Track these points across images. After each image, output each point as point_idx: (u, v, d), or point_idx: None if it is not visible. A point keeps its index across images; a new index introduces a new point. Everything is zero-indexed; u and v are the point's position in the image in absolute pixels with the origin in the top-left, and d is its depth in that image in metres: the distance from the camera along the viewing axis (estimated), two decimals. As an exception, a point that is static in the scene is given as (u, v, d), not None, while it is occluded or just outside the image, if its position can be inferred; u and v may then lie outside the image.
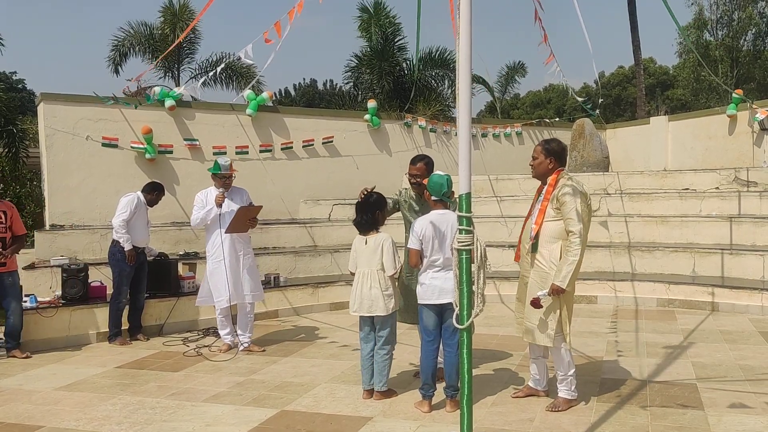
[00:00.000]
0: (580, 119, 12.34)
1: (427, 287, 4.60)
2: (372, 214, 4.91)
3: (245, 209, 6.45)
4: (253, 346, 6.57)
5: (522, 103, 49.19)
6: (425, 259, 4.61)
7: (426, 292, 4.61)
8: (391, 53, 14.07)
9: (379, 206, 4.94)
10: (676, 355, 5.92)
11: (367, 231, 4.93)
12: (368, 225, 4.92)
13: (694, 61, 32.49)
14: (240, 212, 6.38)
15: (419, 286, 4.68)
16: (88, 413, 4.75)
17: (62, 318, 6.94)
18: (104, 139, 9.01)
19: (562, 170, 4.66)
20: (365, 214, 4.92)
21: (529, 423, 4.29)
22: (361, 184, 10.94)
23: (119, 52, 17.64)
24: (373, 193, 4.97)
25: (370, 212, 4.91)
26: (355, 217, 4.99)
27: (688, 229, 9.21)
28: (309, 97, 34.10)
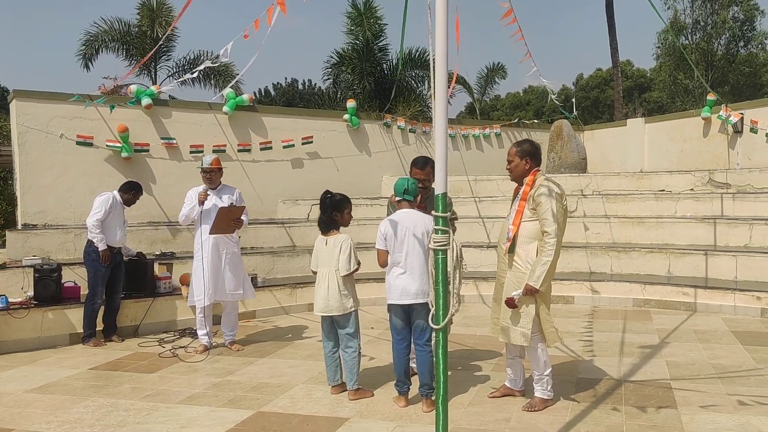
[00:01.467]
0: (558, 121, 12.43)
1: (392, 287, 4.64)
2: (330, 214, 4.93)
3: (226, 210, 6.29)
4: (235, 345, 6.58)
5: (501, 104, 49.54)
6: (390, 257, 4.65)
7: (392, 292, 4.65)
8: (373, 54, 14.05)
9: (337, 207, 4.95)
10: (651, 354, 5.98)
11: (327, 231, 4.98)
12: (326, 225, 4.97)
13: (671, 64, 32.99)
14: (221, 212, 6.24)
15: (387, 285, 4.71)
16: (59, 416, 4.67)
17: (34, 319, 6.82)
18: (79, 138, 8.87)
19: (539, 170, 4.69)
20: (323, 214, 4.97)
21: (505, 423, 4.30)
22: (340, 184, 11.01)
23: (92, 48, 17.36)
24: (335, 195, 4.97)
25: (328, 212, 4.94)
26: (319, 216, 5.05)
27: (663, 230, 9.32)
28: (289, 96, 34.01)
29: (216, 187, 6.52)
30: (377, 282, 8.90)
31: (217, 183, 6.52)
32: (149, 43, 16.60)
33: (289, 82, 39.11)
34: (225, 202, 6.42)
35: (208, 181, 6.44)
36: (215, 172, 6.49)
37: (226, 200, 6.44)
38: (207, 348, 6.49)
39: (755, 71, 33.66)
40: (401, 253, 4.61)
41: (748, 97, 27.35)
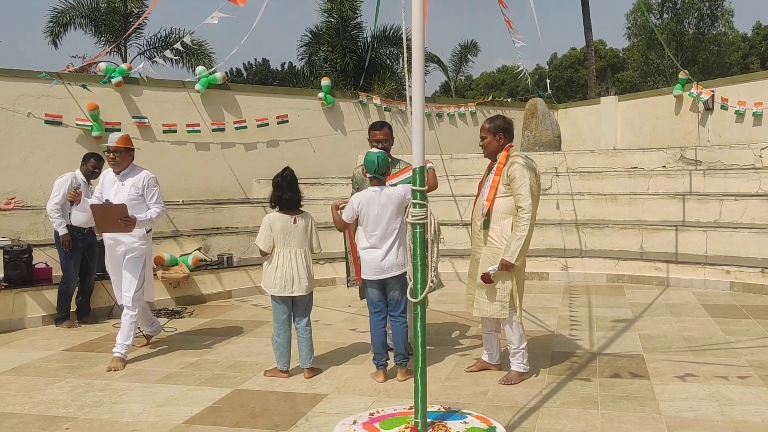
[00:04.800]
0: (532, 99, 12.47)
1: (367, 263, 4.67)
2: (299, 191, 4.85)
3: (100, 209, 5.22)
4: (116, 362, 5.26)
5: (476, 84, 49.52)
6: (364, 233, 4.67)
7: (367, 267, 4.68)
8: (349, 31, 13.90)
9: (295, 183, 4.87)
10: (624, 328, 6.09)
11: (295, 209, 4.85)
12: (295, 203, 4.83)
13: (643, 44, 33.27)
14: (94, 210, 5.23)
15: (361, 261, 4.73)
16: (33, 397, 4.61)
17: (5, 301, 6.69)
18: (47, 116, 8.67)
19: (512, 146, 4.70)
20: (294, 192, 4.81)
21: (482, 396, 4.35)
22: (315, 163, 10.97)
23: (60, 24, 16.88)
24: (288, 169, 4.86)
25: (294, 189, 4.81)
26: (278, 196, 4.81)
27: (636, 207, 9.45)
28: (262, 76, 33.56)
29: (120, 172, 5.42)
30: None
31: (123, 166, 5.41)
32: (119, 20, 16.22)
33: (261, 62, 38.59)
34: (126, 189, 5.35)
35: (113, 164, 5.38)
36: (121, 152, 5.36)
37: (128, 188, 5.36)
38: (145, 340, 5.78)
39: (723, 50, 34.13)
40: (375, 231, 4.63)
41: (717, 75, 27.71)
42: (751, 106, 10.58)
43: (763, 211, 8.59)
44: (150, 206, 5.41)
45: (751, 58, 39.63)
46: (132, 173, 5.46)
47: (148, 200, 5.42)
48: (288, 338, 4.91)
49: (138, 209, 5.30)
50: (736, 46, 37.36)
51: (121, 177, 5.42)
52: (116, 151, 5.36)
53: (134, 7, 16.35)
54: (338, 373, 4.95)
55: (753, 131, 10.54)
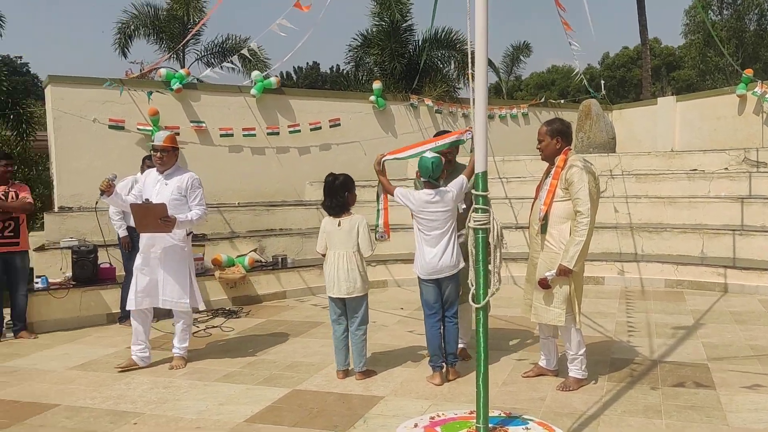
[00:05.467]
0: (586, 100, 12.25)
1: (422, 264, 4.71)
2: (342, 196, 4.90)
3: (143, 208, 5.17)
4: (176, 361, 5.42)
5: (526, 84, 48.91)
6: (419, 234, 4.73)
7: (423, 268, 4.72)
8: (400, 34, 13.94)
9: (347, 187, 4.92)
10: (685, 335, 5.93)
11: (340, 213, 4.92)
12: (339, 208, 4.91)
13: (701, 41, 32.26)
14: (134, 210, 5.17)
15: (416, 262, 4.77)
16: (102, 392, 4.79)
17: (73, 299, 6.98)
18: (111, 121, 8.98)
19: (570, 149, 4.65)
20: (335, 198, 4.90)
21: (540, 402, 4.31)
22: (366, 165, 10.97)
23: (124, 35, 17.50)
24: (339, 175, 4.95)
25: (339, 195, 4.89)
26: (324, 201, 4.95)
27: (696, 210, 9.18)
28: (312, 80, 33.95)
29: (165, 171, 5.38)
30: (405, 263, 8.94)
31: (169, 165, 5.38)
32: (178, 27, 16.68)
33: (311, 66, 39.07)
34: (170, 189, 5.30)
35: (160, 163, 5.35)
36: (168, 151, 5.35)
37: (172, 188, 5.32)
38: (135, 363, 5.37)
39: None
40: (431, 233, 4.67)
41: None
42: (819, 105, 10.16)
43: (833, 215, 8.23)
44: (192, 208, 5.37)
45: (818, 54, 37.94)
46: (176, 173, 5.42)
47: (191, 202, 5.38)
48: (339, 338, 4.97)
49: (179, 210, 5.25)
50: (801, 42, 35.83)
51: (165, 176, 5.36)
52: (164, 150, 5.32)
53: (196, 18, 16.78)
54: (394, 376, 4.98)
55: (821, 132, 10.12)
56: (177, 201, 5.30)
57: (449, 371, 4.79)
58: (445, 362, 4.79)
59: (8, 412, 4.43)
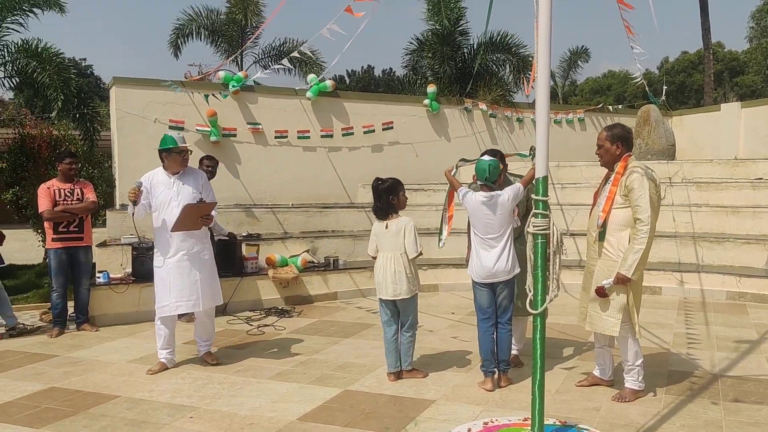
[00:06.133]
0: (645, 106, 11.96)
1: (477, 267, 4.71)
2: (386, 200, 4.94)
3: (194, 207, 5.21)
4: (211, 356, 5.57)
5: (581, 89, 48.08)
6: (474, 237, 4.74)
7: (477, 271, 4.71)
8: (454, 38, 13.91)
9: (393, 191, 4.95)
10: (748, 349, 5.72)
11: (386, 216, 4.96)
12: (384, 211, 4.96)
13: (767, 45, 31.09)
14: (186, 210, 5.14)
15: (471, 265, 4.77)
16: (160, 385, 4.94)
17: (132, 294, 7.20)
18: (171, 122, 9.24)
19: (631, 156, 4.55)
20: (379, 201, 4.96)
21: (595, 412, 4.23)
22: (419, 169, 11.03)
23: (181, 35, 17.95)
24: (386, 180, 4.99)
25: (384, 198, 4.94)
26: (373, 204, 5.04)
27: (761, 220, 8.83)
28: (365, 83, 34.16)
29: (180, 172, 5.40)
30: (455, 267, 8.90)
31: (187, 164, 5.46)
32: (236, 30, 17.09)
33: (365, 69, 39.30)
34: (189, 189, 5.33)
35: (184, 164, 5.39)
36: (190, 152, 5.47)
37: (191, 184, 5.36)
38: (166, 366, 5.38)
39: None
40: (486, 235, 4.67)
41: None
42: None
43: None
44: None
45: None
46: (189, 173, 5.44)
47: (207, 200, 5.43)
48: (390, 340, 5.00)
49: None
50: None
51: (180, 177, 5.35)
52: (188, 151, 5.42)
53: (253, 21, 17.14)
54: (445, 380, 4.97)
55: None
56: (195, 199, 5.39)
57: (501, 378, 4.77)
58: (497, 368, 4.76)
59: (72, 401, 4.61)
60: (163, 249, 5.35)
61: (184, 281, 5.29)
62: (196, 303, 5.35)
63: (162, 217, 5.30)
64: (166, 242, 5.32)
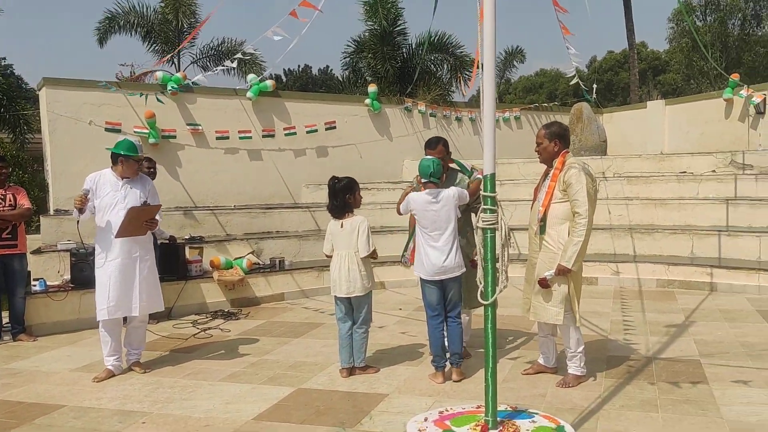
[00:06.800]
0: (577, 104, 12.43)
1: (425, 265, 4.79)
2: (343, 198, 5.02)
3: (138, 210, 5.16)
4: (139, 366, 5.40)
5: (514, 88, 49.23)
6: (421, 235, 4.82)
7: (425, 269, 4.79)
8: (393, 38, 14.07)
9: (349, 190, 5.04)
10: (678, 333, 6.08)
11: (341, 215, 5.05)
12: (340, 209, 5.04)
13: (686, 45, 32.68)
14: (131, 213, 5.08)
15: (419, 263, 4.85)
16: (108, 392, 4.85)
17: (72, 302, 7.01)
18: (107, 124, 9.01)
19: (568, 152, 4.77)
20: (336, 199, 5.04)
21: (541, 398, 4.42)
22: (362, 169, 11.12)
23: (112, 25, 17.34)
24: (342, 179, 5.07)
25: (341, 197, 5.02)
26: (329, 203, 5.11)
27: (686, 212, 9.36)
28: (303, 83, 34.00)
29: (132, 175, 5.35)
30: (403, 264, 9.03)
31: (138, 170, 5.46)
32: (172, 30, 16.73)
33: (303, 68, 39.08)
34: (137, 193, 5.29)
35: (138, 173, 5.40)
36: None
37: (140, 191, 5.32)
38: (112, 373, 5.26)
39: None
40: (434, 233, 4.76)
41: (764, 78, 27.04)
42: (804, 109, 10.38)
43: (819, 217, 8.43)
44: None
45: (800, 59, 38.50)
46: (138, 178, 5.42)
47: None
48: (344, 337, 5.08)
49: None
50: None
51: (129, 181, 5.30)
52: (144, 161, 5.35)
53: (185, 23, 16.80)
54: (397, 374, 5.07)
55: (806, 135, 10.34)
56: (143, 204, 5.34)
57: (453, 371, 4.86)
58: (449, 362, 4.88)
59: (15, 413, 4.47)
60: (105, 251, 5.26)
61: (123, 285, 5.23)
62: (134, 308, 5.28)
63: (107, 218, 5.20)
64: (109, 244, 5.23)
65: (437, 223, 4.76)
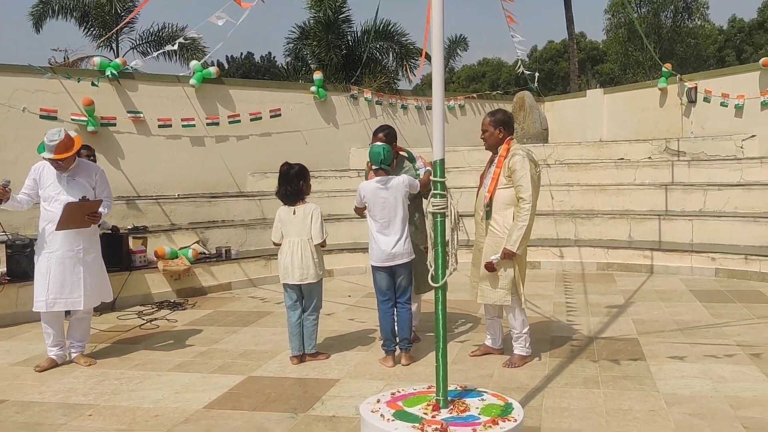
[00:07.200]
0: (520, 92, 12.69)
1: (376, 251, 4.85)
2: (297, 185, 5.01)
3: (76, 206, 4.96)
4: (84, 359, 5.25)
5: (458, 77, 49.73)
6: (372, 222, 4.86)
7: (376, 255, 4.85)
8: (338, 26, 14.00)
9: (302, 176, 5.04)
10: (617, 313, 6.34)
11: (295, 202, 5.03)
12: (294, 196, 5.01)
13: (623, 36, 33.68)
14: (68, 209, 4.90)
15: (370, 249, 4.91)
16: (50, 386, 4.71)
17: (9, 295, 6.75)
18: (42, 111, 8.67)
19: (512, 139, 4.89)
20: (290, 186, 5.00)
21: (489, 378, 4.55)
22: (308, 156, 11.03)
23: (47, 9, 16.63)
24: (294, 165, 5.06)
25: (295, 183, 5.00)
26: (279, 189, 5.05)
27: (624, 197, 9.72)
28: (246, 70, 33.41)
29: (69, 168, 5.08)
30: (350, 252, 9.10)
31: (71, 164, 5.09)
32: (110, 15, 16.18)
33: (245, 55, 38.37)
34: (79, 185, 5.10)
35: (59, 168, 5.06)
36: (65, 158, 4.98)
37: (84, 181, 5.13)
38: (55, 363, 5.18)
39: (701, 43, 34.65)
40: (384, 220, 4.81)
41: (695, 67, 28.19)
42: (733, 98, 10.87)
43: (745, 200, 8.90)
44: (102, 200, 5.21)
45: (727, 50, 40.24)
46: (82, 167, 5.18)
47: (100, 195, 5.22)
48: (294, 324, 5.08)
49: None
50: (712, 38, 37.94)
51: (69, 173, 5.09)
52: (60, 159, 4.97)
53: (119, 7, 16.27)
54: (347, 359, 5.12)
55: (735, 123, 10.83)
56: (88, 196, 5.14)
57: (402, 356, 4.94)
58: (399, 347, 4.95)
59: (-48, 410, 4.31)
60: (46, 242, 5.10)
61: (65, 277, 5.07)
62: (77, 301, 5.12)
63: (48, 210, 5.05)
64: (51, 236, 5.07)
65: (386, 210, 4.81)
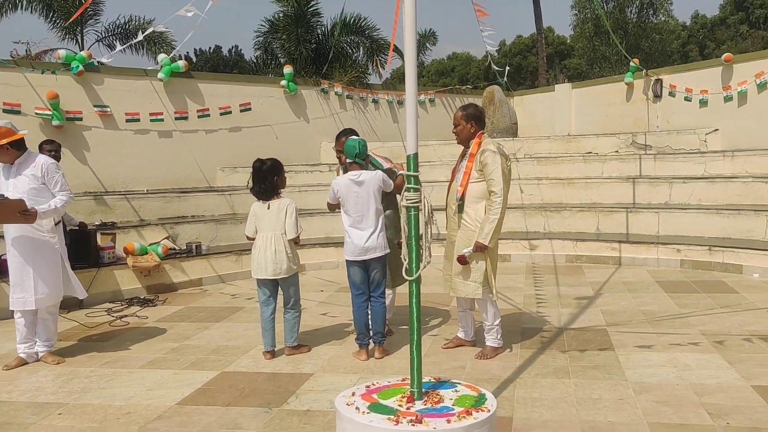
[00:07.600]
0: (490, 87, 12.78)
1: (350, 245, 4.87)
2: (272, 180, 5.00)
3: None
4: (51, 357, 5.15)
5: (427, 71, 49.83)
6: (346, 216, 4.88)
7: (350, 249, 4.88)
8: (307, 19, 13.92)
9: (276, 172, 5.03)
10: (586, 304, 6.45)
11: (270, 197, 5.02)
12: (269, 192, 5.01)
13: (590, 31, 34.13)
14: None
15: (345, 243, 4.93)
16: (18, 385, 4.63)
17: (-27, 293, 6.60)
18: (5, 105, 8.48)
19: (484, 133, 4.94)
20: (263, 183, 4.99)
21: (461, 370, 4.61)
22: (279, 150, 10.99)
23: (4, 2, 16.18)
24: (266, 160, 5.05)
25: (269, 179, 4.99)
26: (253, 186, 5.04)
27: (592, 190, 9.88)
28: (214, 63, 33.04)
29: (14, 161, 4.93)
30: (322, 247, 9.09)
31: (14, 157, 4.92)
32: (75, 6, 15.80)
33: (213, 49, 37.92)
34: (25, 180, 4.91)
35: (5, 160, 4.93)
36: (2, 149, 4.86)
37: (27, 177, 4.91)
38: (25, 362, 5.10)
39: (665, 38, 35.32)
40: (357, 214, 4.83)
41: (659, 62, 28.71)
42: (697, 93, 11.11)
43: (709, 193, 9.12)
44: (55, 194, 4.99)
45: (690, 46, 41.12)
46: (28, 161, 4.97)
47: (52, 188, 4.99)
48: (267, 320, 5.07)
49: (42, 198, 4.90)
50: (676, 34, 38.69)
51: (16, 167, 4.94)
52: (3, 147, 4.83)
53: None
54: (321, 354, 5.13)
55: (699, 117, 11.07)
56: (36, 189, 4.93)
57: (376, 349, 4.97)
58: (372, 340, 4.98)
59: None
60: (5, 239, 5.06)
61: (16, 275, 4.98)
62: (29, 300, 4.97)
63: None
64: (6, 233, 5.01)
65: (360, 205, 4.83)
